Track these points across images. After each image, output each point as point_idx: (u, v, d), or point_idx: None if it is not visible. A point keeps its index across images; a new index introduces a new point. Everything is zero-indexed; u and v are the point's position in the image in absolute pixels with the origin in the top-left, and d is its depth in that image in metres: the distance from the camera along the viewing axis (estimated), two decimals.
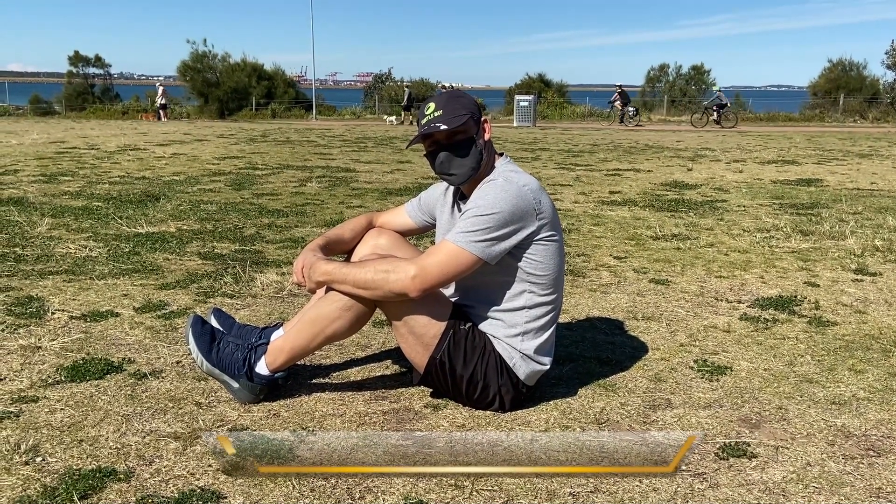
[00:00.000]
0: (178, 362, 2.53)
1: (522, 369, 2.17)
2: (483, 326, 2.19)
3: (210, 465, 1.83)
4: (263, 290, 3.44)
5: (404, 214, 2.51)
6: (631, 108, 24.25)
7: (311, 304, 2.31)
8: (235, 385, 2.20)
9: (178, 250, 4.23)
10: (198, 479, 1.77)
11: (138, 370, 2.44)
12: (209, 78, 32.16)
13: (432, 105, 2.15)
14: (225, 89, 31.61)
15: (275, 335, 2.25)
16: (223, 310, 2.54)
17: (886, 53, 25.03)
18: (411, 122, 24.70)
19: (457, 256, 2.04)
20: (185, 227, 4.94)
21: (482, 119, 2.20)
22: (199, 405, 2.20)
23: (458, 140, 2.13)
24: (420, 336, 2.13)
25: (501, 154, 2.27)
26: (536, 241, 2.12)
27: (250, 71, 32.63)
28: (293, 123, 24.83)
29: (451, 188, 2.33)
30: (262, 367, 2.19)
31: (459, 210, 2.26)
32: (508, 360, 2.16)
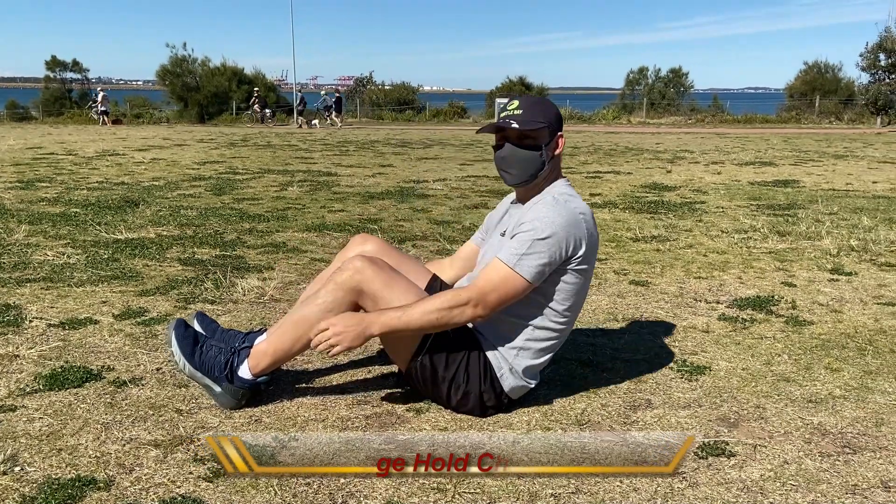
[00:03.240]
0: (158, 369, 2.51)
1: (508, 382, 2.17)
2: (483, 326, 2.19)
3: (191, 473, 1.83)
4: (244, 295, 3.43)
5: (470, 243, 2.55)
6: (268, 110, 28.62)
7: (296, 307, 2.30)
8: (218, 389, 2.19)
9: (157, 256, 4.20)
10: (179, 487, 1.76)
11: (118, 378, 2.42)
12: (189, 82, 31.94)
13: (517, 102, 2.18)
14: (205, 93, 31.40)
15: (259, 340, 2.24)
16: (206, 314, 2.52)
17: (861, 56, 25.41)
18: (300, 126, 25.63)
19: (512, 280, 2.05)
20: (164, 233, 4.91)
21: (558, 133, 2.21)
22: (179, 412, 2.18)
23: (526, 143, 2.15)
24: (402, 336, 2.13)
25: (564, 177, 2.28)
26: (570, 269, 2.13)
27: (230, 75, 32.43)
28: (274, 128, 24.72)
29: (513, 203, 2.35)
30: (244, 371, 2.18)
31: (512, 214, 2.28)
32: (497, 368, 2.16)
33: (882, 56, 24.75)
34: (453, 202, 6.62)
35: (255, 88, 29.76)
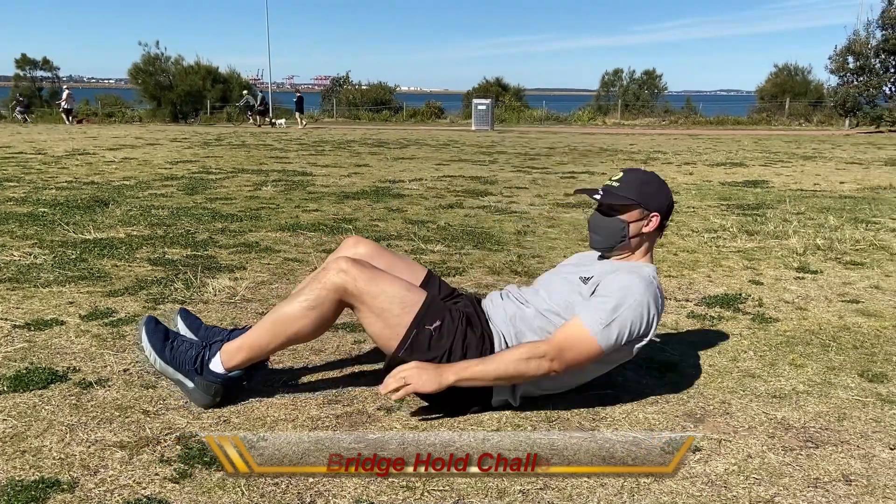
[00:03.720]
0: (125, 370, 2.48)
1: (500, 395, 2.19)
2: (514, 340, 2.22)
3: (157, 474, 1.81)
4: (215, 295, 3.40)
5: None
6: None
7: (278, 306, 2.30)
8: (190, 385, 2.16)
9: (127, 256, 4.14)
10: (144, 489, 1.74)
11: (84, 379, 2.38)
12: (162, 81, 31.51)
13: (621, 174, 2.27)
14: (178, 92, 31.01)
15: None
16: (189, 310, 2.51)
17: (830, 58, 25.76)
18: (258, 125, 25.51)
19: (590, 345, 2.09)
20: (134, 233, 4.85)
21: (652, 214, 2.24)
22: (146, 413, 2.16)
23: (612, 214, 2.25)
24: (394, 323, 2.15)
25: (654, 265, 2.31)
26: (630, 344, 2.16)
27: (205, 74, 32.08)
28: (249, 127, 24.52)
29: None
30: (216, 365, 2.16)
31: (595, 264, 2.33)
32: None
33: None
34: (429, 202, 6.62)
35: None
